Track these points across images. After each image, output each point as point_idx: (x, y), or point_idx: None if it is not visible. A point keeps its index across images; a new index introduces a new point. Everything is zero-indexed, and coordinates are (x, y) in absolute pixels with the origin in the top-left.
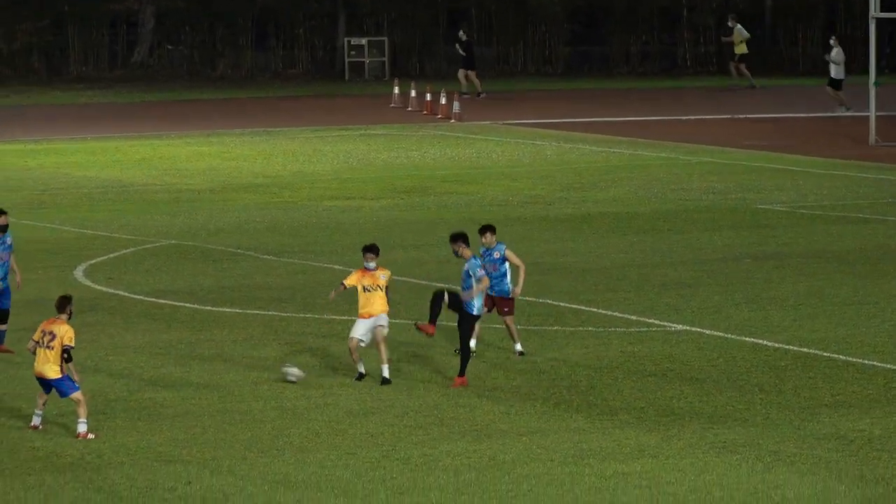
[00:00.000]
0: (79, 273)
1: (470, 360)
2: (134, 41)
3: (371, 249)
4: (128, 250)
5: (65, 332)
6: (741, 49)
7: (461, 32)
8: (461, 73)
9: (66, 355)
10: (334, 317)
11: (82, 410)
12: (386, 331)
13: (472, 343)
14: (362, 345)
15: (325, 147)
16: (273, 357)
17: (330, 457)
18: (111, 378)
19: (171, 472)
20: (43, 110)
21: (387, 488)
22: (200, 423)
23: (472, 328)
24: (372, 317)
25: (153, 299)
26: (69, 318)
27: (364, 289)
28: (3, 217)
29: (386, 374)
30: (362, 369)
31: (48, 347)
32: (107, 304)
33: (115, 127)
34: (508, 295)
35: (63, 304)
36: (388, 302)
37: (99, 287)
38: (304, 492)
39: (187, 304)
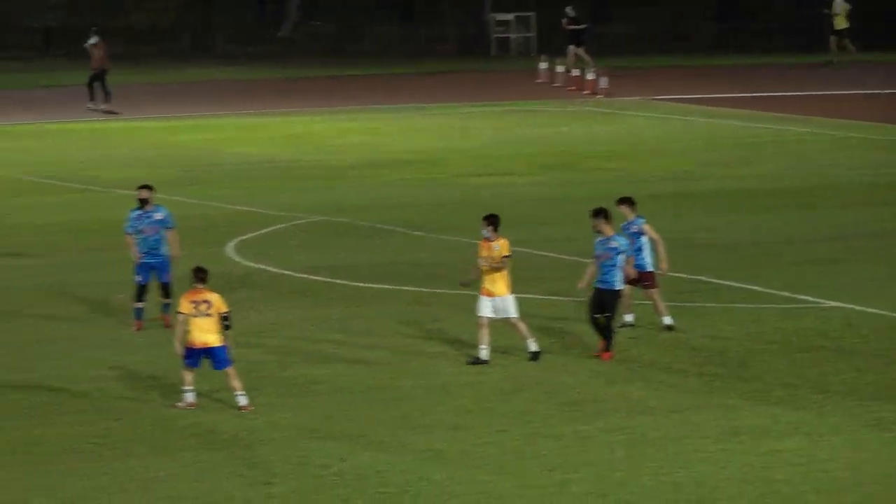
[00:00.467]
0: (229, 249)
1: (618, 332)
2: (280, 17)
3: (486, 218)
4: (278, 226)
5: (218, 299)
6: (840, 23)
7: (569, 8)
8: (571, 49)
9: (227, 322)
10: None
11: (237, 383)
12: (515, 317)
13: (630, 317)
14: (490, 315)
15: (473, 123)
16: (423, 334)
17: (481, 433)
18: (263, 354)
19: (324, 449)
20: (190, 87)
21: (539, 465)
22: (353, 400)
23: (618, 303)
24: (494, 296)
25: (304, 275)
26: None
27: (482, 261)
28: (143, 191)
29: (533, 348)
30: (483, 355)
31: (207, 315)
32: (258, 280)
33: (263, 103)
34: (646, 268)
35: (205, 273)
36: (507, 271)
37: (250, 263)
38: (456, 468)
39: (338, 281)
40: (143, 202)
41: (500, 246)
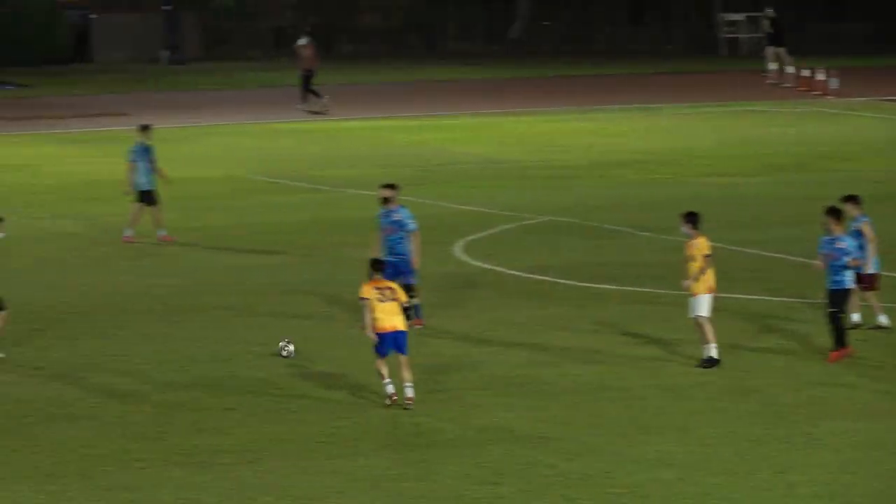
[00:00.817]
0: (457, 249)
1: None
2: (511, 17)
3: (684, 215)
4: (505, 227)
5: (399, 289)
6: None
7: (769, 10)
8: (769, 50)
9: (409, 312)
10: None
11: (409, 374)
12: (701, 315)
13: (857, 316)
14: (698, 317)
15: (702, 123)
16: (650, 335)
17: (711, 435)
18: (489, 353)
19: (551, 450)
20: (421, 86)
21: (768, 466)
22: (580, 400)
23: (846, 303)
24: (695, 296)
25: (530, 275)
26: None
27: (686, 259)
28: (385, 190)
29: (710, 353)
30: (712, 353)
31: (392, 300)
32: (485, 280)
33: (492, 103)
34: (862, 269)
35: (382, 265)
36: (709, 270)
37: (477, 263)
38: (685, 470)
39: (564, 281)
40: (385, 200)
41: (699, 244)
